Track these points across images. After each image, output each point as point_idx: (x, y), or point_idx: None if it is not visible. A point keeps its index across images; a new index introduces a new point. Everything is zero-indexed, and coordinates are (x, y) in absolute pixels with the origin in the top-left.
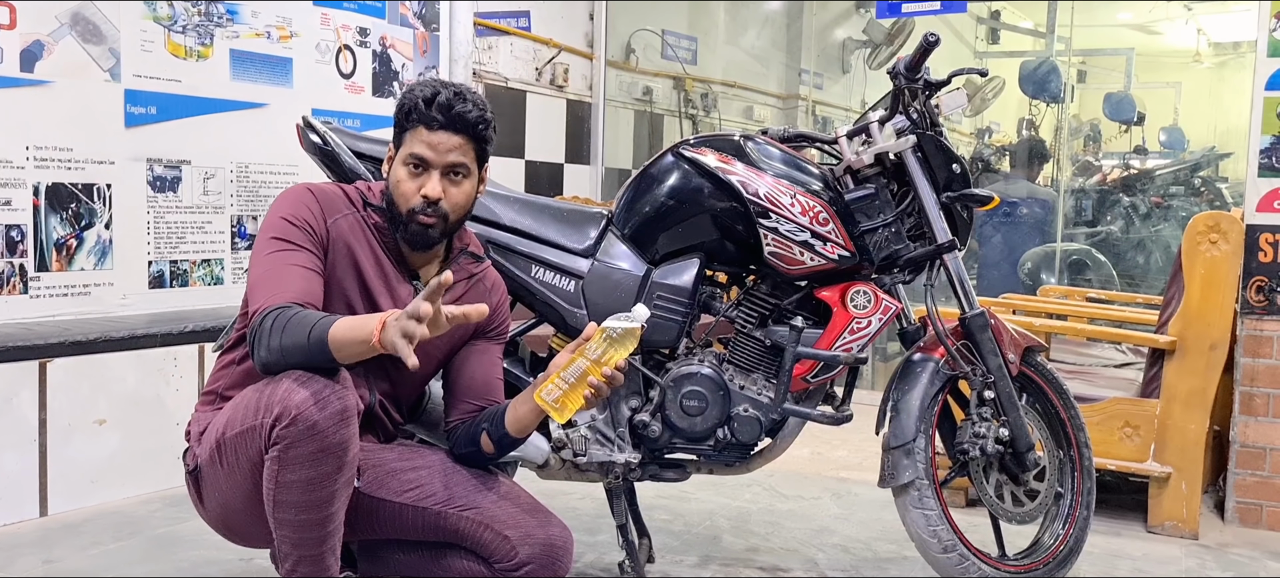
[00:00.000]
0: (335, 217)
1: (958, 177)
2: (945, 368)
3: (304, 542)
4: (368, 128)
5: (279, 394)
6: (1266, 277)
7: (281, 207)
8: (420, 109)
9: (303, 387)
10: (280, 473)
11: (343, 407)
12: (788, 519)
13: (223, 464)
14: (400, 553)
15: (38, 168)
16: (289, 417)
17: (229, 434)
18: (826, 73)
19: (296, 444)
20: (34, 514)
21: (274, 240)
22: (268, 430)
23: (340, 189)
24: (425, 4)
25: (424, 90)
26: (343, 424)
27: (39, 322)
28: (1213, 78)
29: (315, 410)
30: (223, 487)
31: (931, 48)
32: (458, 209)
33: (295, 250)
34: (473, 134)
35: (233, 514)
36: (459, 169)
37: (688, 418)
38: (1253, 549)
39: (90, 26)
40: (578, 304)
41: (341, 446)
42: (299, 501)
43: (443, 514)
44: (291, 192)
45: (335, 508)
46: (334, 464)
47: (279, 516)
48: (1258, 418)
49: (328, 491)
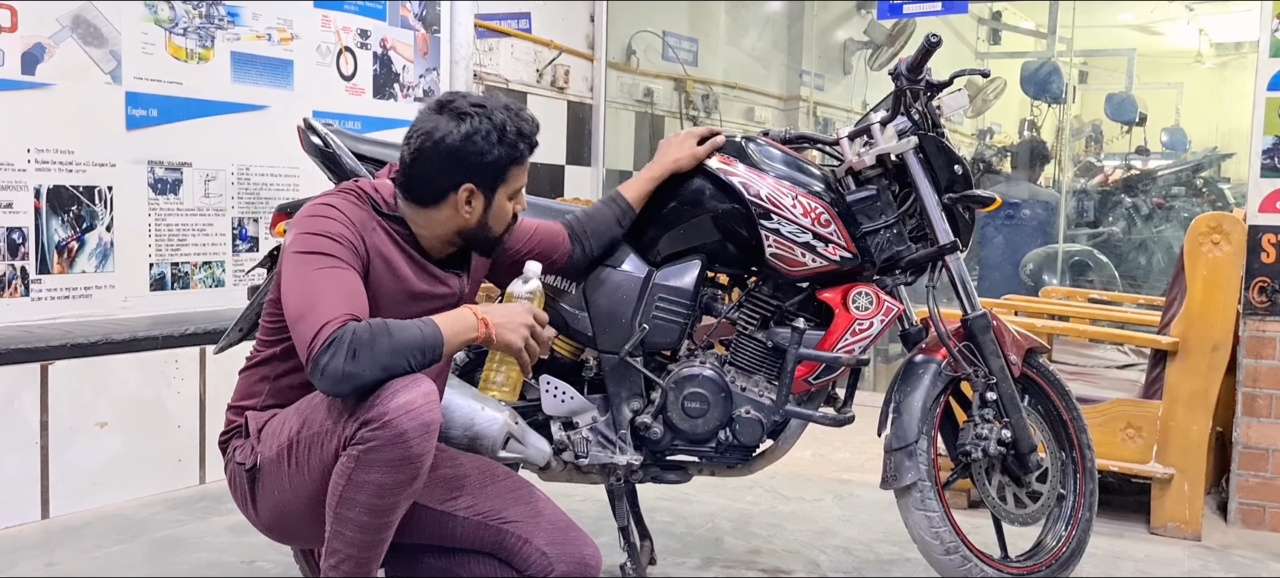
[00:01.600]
0: (369, 232)
1: (959, 178)
2: (947, 370)
3: (359, 543)
4: (368, 130)
5: (371, 397)
6: (1269, 278)
7: (311, 224)
8: (521, 149)
9: (397, 394)
10: (355, 472)
11: (431, 420)
12: (790, 521)
13: (292, 464)
14: (430, 556)
15: (39, 170)
16: (380, 420)
17: (305, 433)
18: (828, 74)
19: (381, 448)
20: (36, 517)
21: (319, 256)
22: (353, 431)
23: (360, 201)
24: (426, 6)
25: (508, 122)
26: (427, 437)
27: (40, 324)
28: (1214, 78)
29: (406, 419)
30: (288, 487)
31: (933, 49)
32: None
33: (344, 269)
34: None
35: (290, 515)
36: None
37: (689, 420)
38: (1256, 551)
39: (91, 29)
40: (580, 306)
41: (421, 458)
42: (367, 503)
43: (483, 525)
44: (318, 210)
45: (395, 517)
46: (409, 474)
47: (342, 511)
48: (1260, 419)
49: (395, 499)
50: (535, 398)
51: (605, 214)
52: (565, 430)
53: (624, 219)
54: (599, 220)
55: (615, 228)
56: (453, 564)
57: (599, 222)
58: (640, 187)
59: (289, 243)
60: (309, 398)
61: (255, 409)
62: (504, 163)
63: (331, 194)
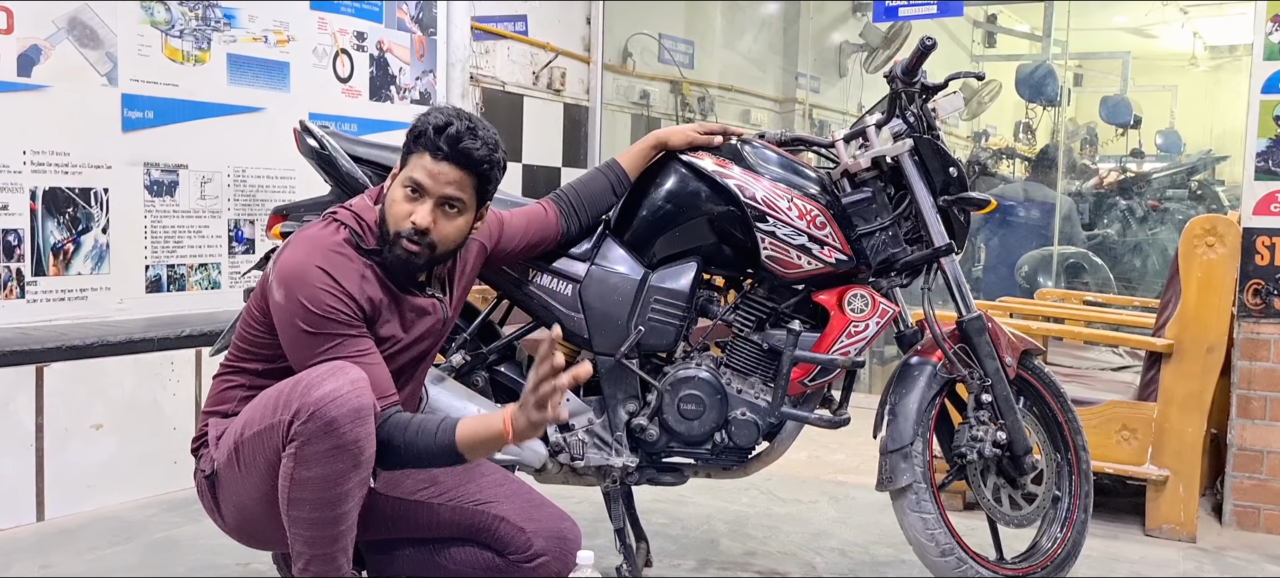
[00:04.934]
0: (356, 284)
1: (955, 180)
2: (943, 371)
3: (317, 540)
4: (365, 132)
5: (298, 392)
6: (1263, 280)
7: (304, 293)
8: (429, 136)
9: (320, 385)
10: (296, 470)
11: (359, 405)
12: (785, 523)
13: (240, 465)
14: (407, 548)
15: (35, 172)
16: (306, 413)
17: (247, 434)
18: (823, 76)
19: (312, 441)
20: (30, 519)
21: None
22: (286, 427)
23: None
24: (422, 8)
25: (437, 117)
26: (359, 422)
27: (36, 326)
28: (1209, 81)
29: (332, 407)
30: (241, 489)
31: (928, 51)
32: (446, 242)
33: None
34: (476, 172)
35: (250, 518)
36: (454, 203)
37: (685, 422)
38: (1250, 552)
39: (87, 31)
40: (575, 308)
41: (357, 444)
42: (313, 498)
43: (458, 509)
44: (306, 276)
45: (349, 507)
46: (349, 462)
47: (293, 513)
48: (1255, 421)
49: (342, 489)
50: None
51: (600, 182)
52: (561, 433)
53: (619, 187)
54: (593, 190)
55: (610, 196)
56: (432, 553)
57: (593, 191)
58: (634, 157)
59: (283, 307)
60: (254, 399)
61: (227, 414)
62: (409, 144)
63: (321, 251)
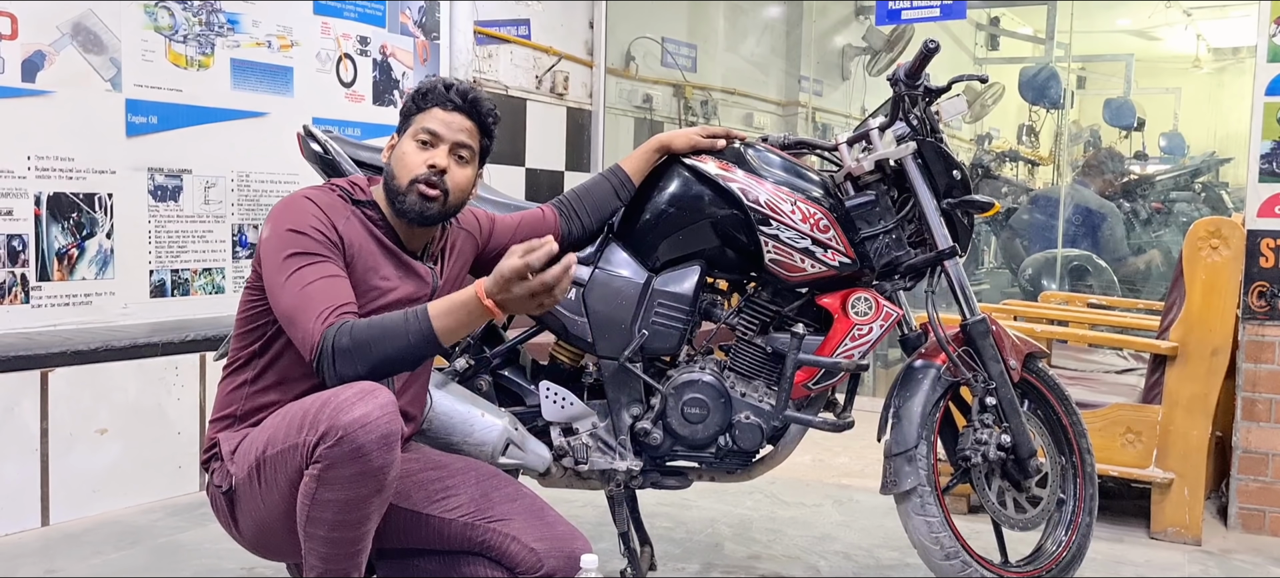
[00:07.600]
0: (341, 220)
1: (958, 183)
2: (947, 374)
3: (333, 557)
4: (368, 136)
5: (327, 412)
6: (1268, 282)
7: (287, 219)
8: (439, 91)
9: (351, 408)
10: (318, 491)
11: (389, 432)
12: (789, 527)
13: (262, 483)
14: (422, 559)
15: (39, 178)
16: (335, 437)
17: (270, 452)
18: (826, 79)
19: (339, 465)
20: (36, 524)
21: (296, 256)
22: (311, 448)
23: (331, 190)
24: (425, 12)
25: (441, 79)
26: (387, 449)
27: (40, 331)
28: (1212, 83)
29: (362, 433)
30: (261, 506)
31: (931, 54)
32: (459, 190)
33: (322, 261)
34: (482, 123)
35: (270, 533)
36: (465, 150)
37: (689, 425)
38: (1256, 555)
39: (91, 36)
40: (579, 312)
41: (383, 470)
42: (333, 519)
43: (471, 526)
44: (291, 204)
45: (368, 528)
46: (373, 487)
47: (310, 530)
48: (1260, 423)
49: (363, 512)
50: (535, 404)
51: (603, 186)
52: (565, 436)
53: (622, 191)
54: (596, 194)
55: (613, 200)
56: (445, 566)
57: (596, 195)
58: (637, 161)
59: (266, 237)
60: (276, 414)
61: (230, 427)
62: (416, 104)
63: (308, 191)
